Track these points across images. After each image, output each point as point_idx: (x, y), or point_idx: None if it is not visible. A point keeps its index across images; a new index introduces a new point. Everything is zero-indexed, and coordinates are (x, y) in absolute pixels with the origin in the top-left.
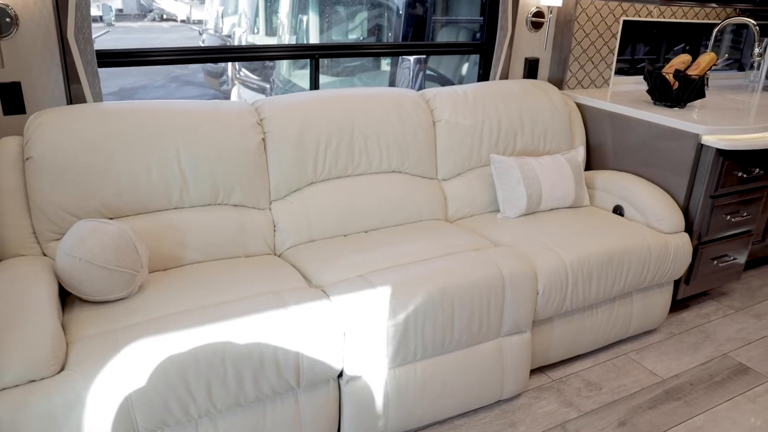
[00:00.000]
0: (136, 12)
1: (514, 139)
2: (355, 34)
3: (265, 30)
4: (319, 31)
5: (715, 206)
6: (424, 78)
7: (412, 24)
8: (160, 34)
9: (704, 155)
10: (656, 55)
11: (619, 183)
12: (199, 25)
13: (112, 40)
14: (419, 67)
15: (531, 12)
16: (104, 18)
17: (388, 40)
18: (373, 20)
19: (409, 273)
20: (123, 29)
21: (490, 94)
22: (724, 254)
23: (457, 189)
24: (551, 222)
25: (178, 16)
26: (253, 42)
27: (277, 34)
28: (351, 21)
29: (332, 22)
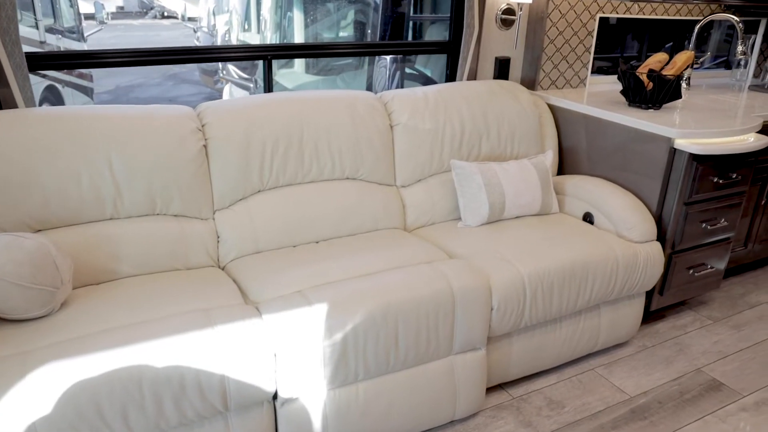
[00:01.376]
0: (138, 9)
1: (479, 144)
2: (335, 32)
3: (257, 27)
4: (304, 28)
5: (690, 213)
6: (402, 77)
7: (389, 22)
8: (160, 31)
9: (677, 160)
10: (638, 53)
11: (589, 189)
12: (194, 22)
13: (111, 38)
14: (396, 66)
15: (501, 9)
16: (96, 16)
17: (367, 37)
18: (353, 17)
19: (350, 289)
20: (124, 27)
21: (452, 96)
22: (701, 263)
23: (417, 196)
24: (514, 231)
25: (178, 14)
26: (244, 40)
27: (260, 31)
28: (334, 18)
29: (316, 18)
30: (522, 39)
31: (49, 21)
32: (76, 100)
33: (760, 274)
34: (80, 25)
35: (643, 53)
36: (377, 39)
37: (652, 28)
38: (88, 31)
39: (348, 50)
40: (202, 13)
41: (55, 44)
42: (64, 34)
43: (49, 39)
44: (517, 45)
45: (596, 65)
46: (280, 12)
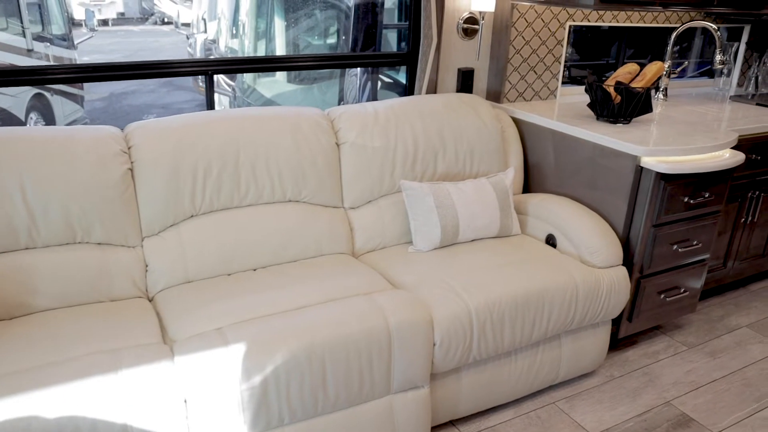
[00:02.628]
0: (138, 15)
1: (435, 162)
2: (310, 40)
3: (238, 34)
4: (285, 37)
5: (659, 236)
6: (374, 88)
7: (362, 30)
8: (160, 37)
9: (644, 179)
10: (617, 60)
11: (552, 209)
12: (188, 28)
13: (111, 44)
14: (367, 77)
15: (462, 18)
16: (87, 23)
17: (343, 45)
18: (327, 24)
19: (274, 326)
20: (124, 33)
21: (406, 111)
22: (674, 287)
23: (366, 218)
24: (468, 256)
25: (179, 20)
26: (233, 47)
27: (240, 37)
28: (306, 25)
29: (296, 24)
30: (486, 49)
31: (38, 28)
32: (66, 108)
33: (741, 294)
34: (70, 33)
35: (620, 61)
36: (349, 47)
37: (638, 35)
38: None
39: (298, 63)
40: (195, 19)
41: (44, 52)
42: (53, 42)
43: (37, 47)
44: (480, 56)
45: (570, 75)
46: (266, 18)
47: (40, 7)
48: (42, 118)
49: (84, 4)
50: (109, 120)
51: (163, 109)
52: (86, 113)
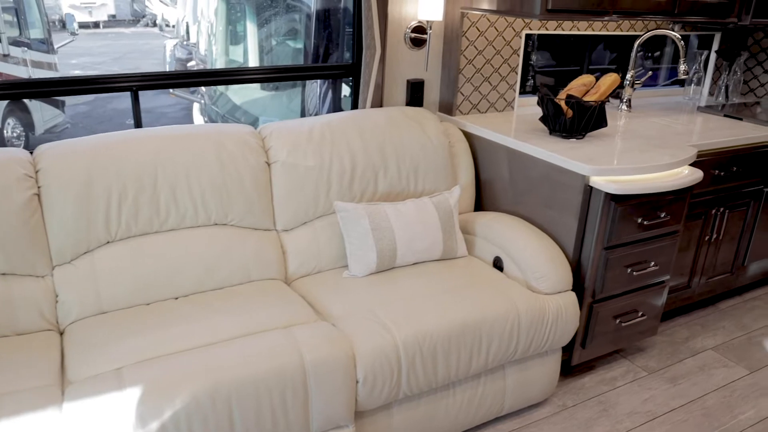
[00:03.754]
0: (130, 18)
1: (375, 181)
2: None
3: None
4: (256, 42)
5: (611, 259)
6: (337, 97)
7: (324, 36)
8: (151, 39)
9: (594, 200)
10: (579, 69)
11: (499, 230)
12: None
13: (101, 47)
14: (327, 86)
15: (410, 27)
16: (68, 28)
17: (307, 51)
18: (288, 28)
19: (177, 366)
20: (114, 35)
21: (343, 127)
22: (631, 311)
23: (301, 241)
24: (405, 283)
25: (170, 22)
26: (213, 52)
27: (210, 42)
28: (280, 31)
29: (267, 31)
30: (437, 59)
31: (15, 32)
32: (45, 113)
33: (710, 313)
34: (50, 37)
35: (585, 69)
36: (311, 54)
37: (612, 42)
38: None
39: (237, 77)
40: (181, 23)
41: (21, 56)
42: (31, 47)
43: (14, 52)
44: (429, 66)
45: (544, 82)
46: (235, 24)
47: (17, 11)
48: (20, 124)
49: (74, 7)
50: (92, 124)
51: (148, 113)
52: (69, 118)
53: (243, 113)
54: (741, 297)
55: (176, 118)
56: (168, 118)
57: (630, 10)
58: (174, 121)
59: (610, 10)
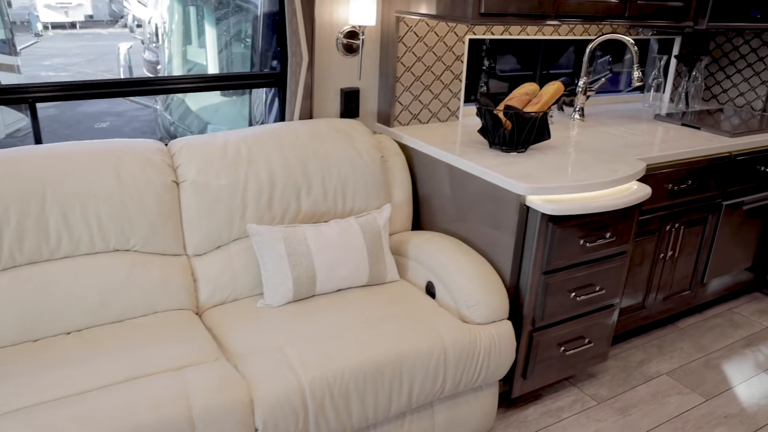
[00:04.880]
0: (108, 18)
1: (297, 200)
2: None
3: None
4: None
5: (551, 284)
6: (283, 105)
7: (271, 40)
8: (130, 40)
9: (531, 221)
10: (532, 73)
11: (431, 252)
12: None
13: (77, 48)
14: (273, 93)
15: (343, 32)
16: (32, 29)
17: (255, 55)
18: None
19: (45, 419)
20: (92, 36)
21: (261, 142)
22: (577, 337)
23: (214, 267)
24: (323, 314)
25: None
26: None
27: (165, 45)
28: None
29: (222, 34)
30: (374, 67)
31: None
32: (7, 117)
33: (668, 333)
34: (12, 38)
35: (538, 75)
36: (258, 58)
37: (583, 45)
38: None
39: (153, 87)
40: (149, 24)
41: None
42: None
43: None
44: (364, 74)
45: (497, 89)
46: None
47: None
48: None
49: (49, 7)
50: (61, 128)
51: (118, 117)
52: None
53: (194, 119)
54: (701, 314)
55: (147, 121)
56: (139, 121)
57: (575, 13)
58: (144, 125)
59: (552, 14)
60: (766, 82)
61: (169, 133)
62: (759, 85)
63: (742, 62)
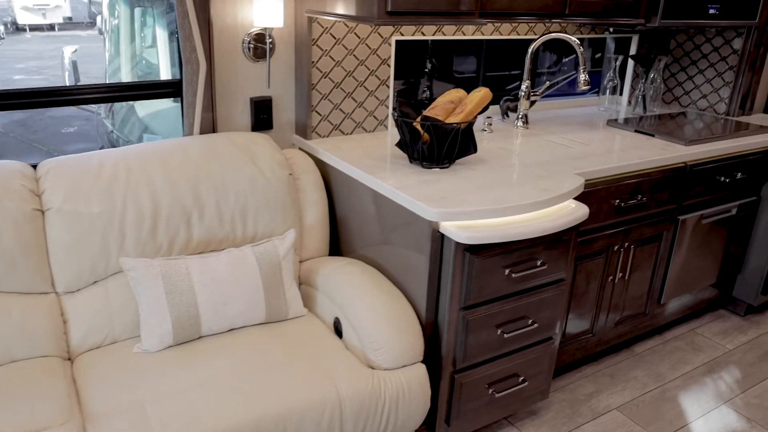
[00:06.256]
0: (88, 20)
1: (188, 227)
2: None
3: (141, 41)
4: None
5: (472, 321)
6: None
7: None
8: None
9: (447, 250)
10: (475, 76)
11: (339, 284)
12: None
13: (53, 50)
14: None
15: (251, 35)
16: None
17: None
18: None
19: None
20: (69, 38)
21: (144, 162)
22: (509, 375)
23: (89, 306)
24: (205, 360)
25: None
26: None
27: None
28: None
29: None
30: (290, 73)
31: None
32: None
33: (623, 359)
34: None
35: (479, 80)
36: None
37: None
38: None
39: (41, 99)
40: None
41: None
42: None
43: None
44: (274, 82)
45: (441, 93)
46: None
47: None
48: None
49: (26, 9)
50: (26, 134)
51: (86, 121)
52: (0, 127)
53: (134, 127)
54: (661, 336)
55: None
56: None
57: (505, 10)
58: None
59: (476, 11)
60: (729, 84)
61: (111, 141)
62: (722, 87)
63: (704, 62)
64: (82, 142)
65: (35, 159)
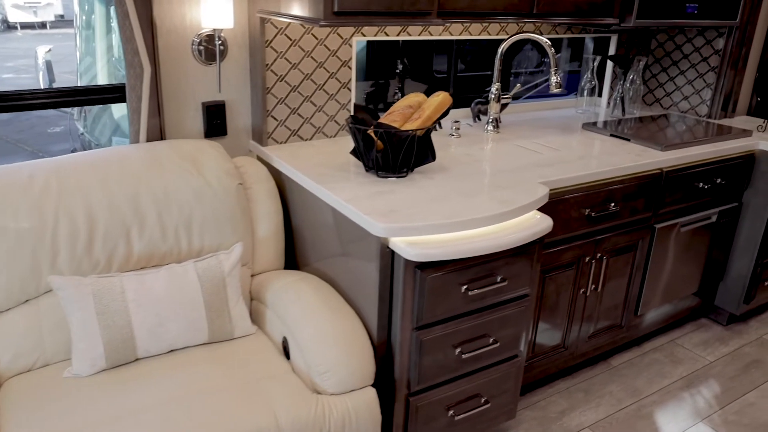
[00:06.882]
0: None
1: (127, 242)
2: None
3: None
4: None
5: (426, 341)
6: None
7: None
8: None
9: (397, 267)
10: (446, 76)
11: (287, 301)
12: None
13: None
14: None
15: (201, 36)
16: None
17: None
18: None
19: None
20: (61, 36)
21: (80, 173)
22: (471, 396)
23: (17, 326)
24: (138, 387)
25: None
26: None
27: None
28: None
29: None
30: (245, 76)
31: None
32: None
33: (599, 373)
34: None
35: (450, 81)
36: None
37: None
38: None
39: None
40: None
41: None
42: None
43: None
44: (227, 86)
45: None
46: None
47: None
48: None
49: (17, 6)
50: (10, 134)
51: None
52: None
53: (104, 129)
54: (639, 348)
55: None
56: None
57: (466, 10)
58: None
59: (433, 11)
60: (711, 86)
61: (83, 143)
62: (703, 89)
63: (685, 63)
64: (68, 142)
65: (19, 159)
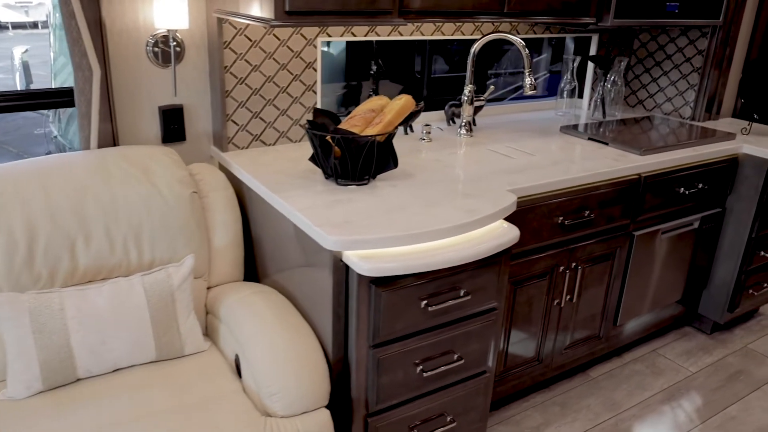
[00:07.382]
0: None
1: (72, 255)
2: None
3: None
4: None
5: (384, 359)
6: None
7: None
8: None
9: (351, 282)
10: (422, 76)
11: (239, 316)
12: None
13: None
14: None
15: (156, 37)
16: None
17: None
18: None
19: None
20: (61, 36)
21: (19, 182)
22: (435, 416)
23: None
24: (75, 411)
25: None
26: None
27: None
28: None
29: None
30: (204, 79)
31: None
32: None
33: (577, 385)
34: None
35: (424, 83)
36: None
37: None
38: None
39: None
40: None
41: None
42: None
43: None
44: (183, 89)
45: (391, 93)
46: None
47: None
48: None
49: (8, 6)
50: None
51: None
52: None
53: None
54: (620, 358)
55: None
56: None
57: (430, 9)
58: None
59: (394, 10)
60: (695, 87)
61: (57, 146)
62: (687, 90)
63: (668, 63)
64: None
65: (3, 161)
